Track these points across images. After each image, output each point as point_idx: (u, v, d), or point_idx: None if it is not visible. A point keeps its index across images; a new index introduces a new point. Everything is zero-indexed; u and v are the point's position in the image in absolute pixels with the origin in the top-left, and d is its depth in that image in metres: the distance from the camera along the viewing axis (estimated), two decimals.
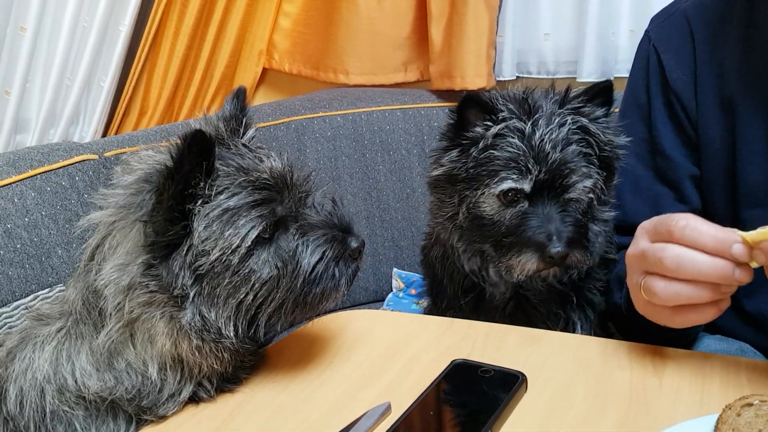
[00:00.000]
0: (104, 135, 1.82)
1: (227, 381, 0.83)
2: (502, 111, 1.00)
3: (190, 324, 0.75)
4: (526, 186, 0.98)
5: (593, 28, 1.70)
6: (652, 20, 1.17)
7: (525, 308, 1.14)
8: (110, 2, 1.66)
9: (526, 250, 0.97)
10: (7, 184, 1.14)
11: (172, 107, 1.91)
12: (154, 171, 0.75)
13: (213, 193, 0.73)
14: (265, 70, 2.06)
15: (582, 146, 1.00)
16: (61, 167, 1.22)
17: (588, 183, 1.00)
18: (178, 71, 1.85)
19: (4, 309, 1.08)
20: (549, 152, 0.97)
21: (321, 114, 1.75)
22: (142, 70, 1.83)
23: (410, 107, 1.80)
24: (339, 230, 0.81)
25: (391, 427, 0.72)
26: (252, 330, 0.78)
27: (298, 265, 0.77)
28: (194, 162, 0.71)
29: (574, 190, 0.99)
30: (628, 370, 0.82)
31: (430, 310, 1.28)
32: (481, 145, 0.99)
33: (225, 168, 0.75)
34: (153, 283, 0.74)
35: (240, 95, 0.87)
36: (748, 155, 1.03)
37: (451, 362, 0.83)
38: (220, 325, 0.76)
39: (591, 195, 1.02)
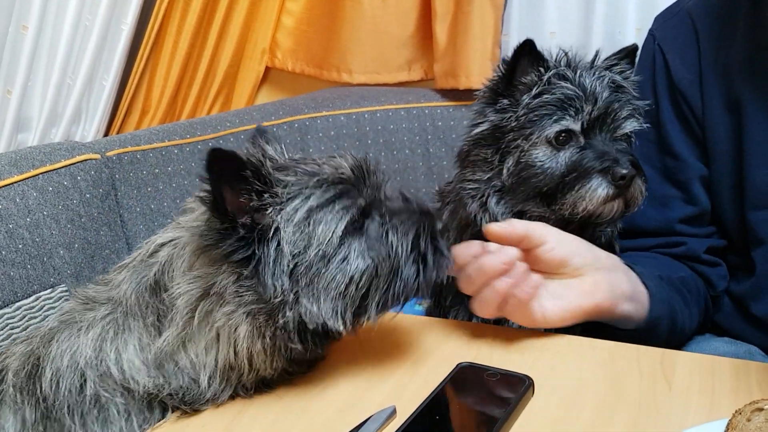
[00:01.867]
0: (106, 134, 1.81)
1: (265, 385, 0.83)
2: (551, 61, 1.03)
3: (285, 325, 0.75)
4: (579, 125, 1.00)
5: (600, 26, 1.69)
6: (656, 19, 1.16)
7: None
8: (112, 0, 1.65)
9: (594, 177, 0.97)
10: (8, 184, 1.13)
11: (175, 106, 1.90)
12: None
13: (285, 200, 0.74)
14: (267, 69, 2.05)
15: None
16: (63, 167, 1.21)
17: (635, 123, 1.03)
18: (180, 70, 1.84)
19: (6, 310, 1.08)
20: (599, 92, 1.00)
21: (324, 113, 1.74)
22: (144, 69, 1.81)
23: (414, 106, 1.79)
24: (420, 213, 0.81)
25: (397, 431, 0.71)
26: (363, 318, 0.78)
27: (393, 248, 0.77)
28: (222, 180, 0.71)
29: (624, 126, 1.02)
30: (637, 373, 0.81)
31: (431, 311, 1.27)
32: (534, 91, 1.01)
33: (292, 177, 0.75)
34: (248, 293, 0.74)
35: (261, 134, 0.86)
36: (756, 157, 1.02)
37: (457, 365, 0.82)
38: (326, 319, 0.75)
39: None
